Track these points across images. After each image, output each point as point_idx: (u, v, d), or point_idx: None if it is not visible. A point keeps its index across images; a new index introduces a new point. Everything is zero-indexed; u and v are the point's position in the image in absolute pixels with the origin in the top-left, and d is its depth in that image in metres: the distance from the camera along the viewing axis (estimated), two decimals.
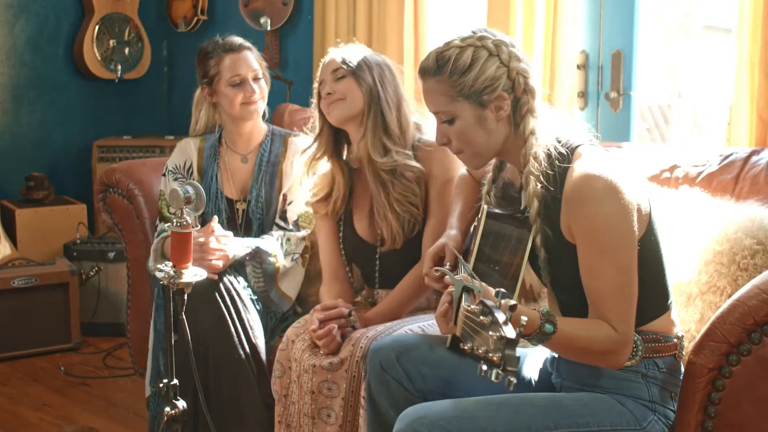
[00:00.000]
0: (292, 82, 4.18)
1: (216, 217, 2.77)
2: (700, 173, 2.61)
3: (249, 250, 2.81)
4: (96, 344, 4.22)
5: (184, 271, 2.22)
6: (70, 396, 3.70)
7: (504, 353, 1.39)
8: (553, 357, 2.10)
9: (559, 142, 1.95)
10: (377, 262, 2.65)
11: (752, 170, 2.54)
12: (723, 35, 3.67)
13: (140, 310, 3.36)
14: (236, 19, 4.53)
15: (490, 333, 1.43)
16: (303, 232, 2.94)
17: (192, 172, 3.01)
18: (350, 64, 2.55)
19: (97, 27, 4.64)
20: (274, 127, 3.10)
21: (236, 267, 2.80)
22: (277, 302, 2.87)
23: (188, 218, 2.23)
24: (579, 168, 1.88)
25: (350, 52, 2.59)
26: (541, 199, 1.92)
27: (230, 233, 2.78)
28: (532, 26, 3.41)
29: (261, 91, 2.94)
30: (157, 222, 3.03)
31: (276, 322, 2.88)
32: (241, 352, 2.63)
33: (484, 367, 1.49)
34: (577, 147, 1.94)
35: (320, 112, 2.63)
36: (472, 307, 1.52)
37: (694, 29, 3.68)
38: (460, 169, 2.48)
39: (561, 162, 1.91)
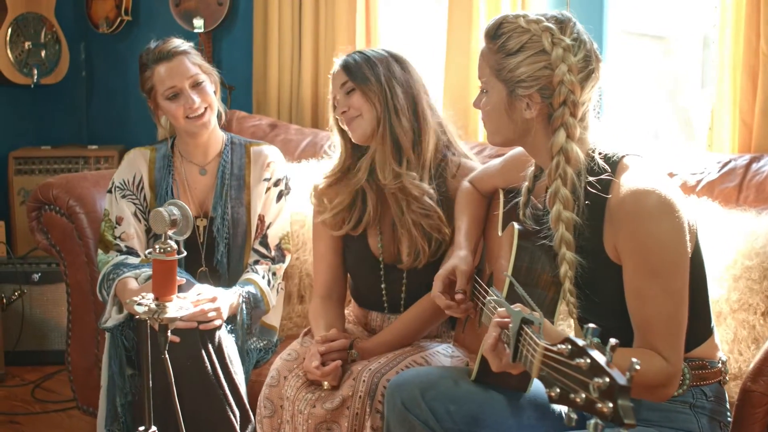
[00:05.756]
0: (233, 87, 3.92)
1: (197, 285, 2.47)
2: (699, 181, 2.51)
3: (242, 298, 2.55)
4: (21, 375, 3.82)
5: (168, 304, 1.96)
6: None
7: (618, 404, 1.20)
8: None
9: (600, 154, 1.77)
10: (383, 283, 2.42)
11: (756, 178, 2.44)
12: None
13: (82, 339, 3.05)
14: (165, 19, 4.23)
15: (595, 379, 1.23)
16: (287, 260, 2.70)
17: (142, 188, 2.71)
18: (354, 74, 2.31)
19: (10, 28, 4.25)
20: (232, 135, 2.83)
21: None
22: (259, 335, 2.62)
23: (173, 243, 1.97)
24: (627, 182, 1.70)
25: (352, 59, 2.34)
26: (569, 225, 1.74)
27: (209, 286, 2.50)
28: None
29: (205, 99, 2.62)
30: (98, 252, 2.70)
31: (261, 354, 2.63)
32: (220, 391, 2.37)
33: (574, 416, 1.29)
34: (623, 158, 1.76)
35: (339, 128, 2.40)
36: (560, 347, 1.32)
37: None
38: (464, 181, 2.29)
39: (601, 175, 1.73)
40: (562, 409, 1.92)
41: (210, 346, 2.39)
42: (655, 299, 1.67)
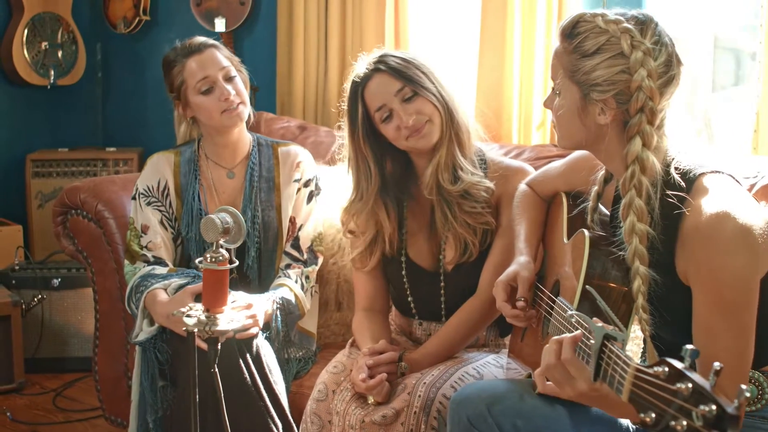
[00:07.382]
0: (257, 88, 3.83)
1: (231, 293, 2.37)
2: (753, 185, 2.42)
3: (276, 305, 2.47)
4: (41, 383, 3.73)
5: (218, 316, 1.88)
6: None
7: None
8: None
9: (676, 169, 1.68)
10: (442, 291, 2.33)
11: None
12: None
13: (111, 348, 2.97)
14: (184, 19, 4.16)
15: (701, 406, 1.14)
16: (320, 262, 2.61)
17: (168, 193, 2.62)
18: (409, 78, 2.19)
19: (27, 28, 4.16)
20: (258, 135, 2.75)
21: None
22: (298, 343, 2.54)
23: (224, 252, 1.89)
24: (706, 205, 1.60)
25: (395, 62, 2.21)
26: (643, 238, 1.66)
27: (243, 293, 2.40)
28: (533, 27, 3.19)
29: (238, 92, 2.55)
30: (124, 261, 2.61)
31: (301, 365, 2.55)
32: (261, 403, 2.28)
33: None
34: (700, 176, 1.67)
35: (363, 144, 2.26)
36: (656, 369, 1.23)
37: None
38: (521, 184, 2.22)
39: (677, 191, 1.65)
40: (630, 423, 1.84)
41: (248, 355, 2.31)
42: (725, 336, 1.58)
